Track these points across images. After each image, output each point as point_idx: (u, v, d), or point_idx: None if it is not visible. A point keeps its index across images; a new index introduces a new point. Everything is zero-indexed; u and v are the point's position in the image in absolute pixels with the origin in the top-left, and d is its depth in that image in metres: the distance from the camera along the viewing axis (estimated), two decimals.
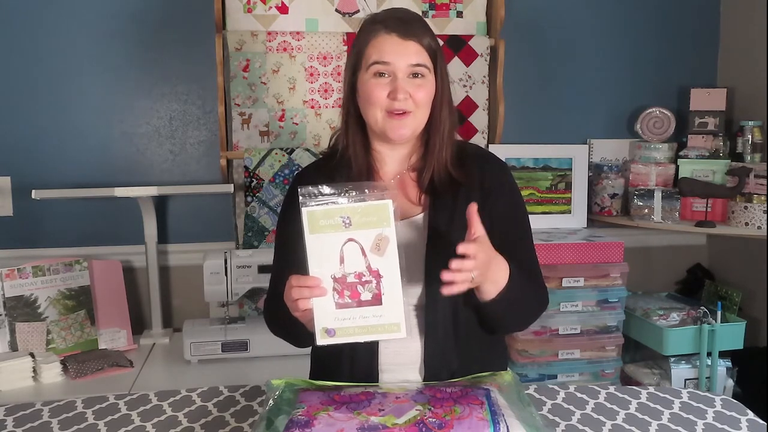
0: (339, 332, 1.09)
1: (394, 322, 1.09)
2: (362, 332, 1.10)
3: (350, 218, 1.09)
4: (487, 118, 2.42)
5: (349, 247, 1.09)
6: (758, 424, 1.21)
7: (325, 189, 1.10)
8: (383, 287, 1.09)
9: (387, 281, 1.09)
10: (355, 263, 1.09)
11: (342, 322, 1.09)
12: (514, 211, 1.33)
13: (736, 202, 2.30)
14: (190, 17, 2.28)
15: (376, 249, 1.09)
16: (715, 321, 2.25)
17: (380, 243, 1.09)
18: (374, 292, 1.09)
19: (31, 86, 2.23)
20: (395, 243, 1.09)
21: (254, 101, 2.26)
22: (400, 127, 1.25)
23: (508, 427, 0.99)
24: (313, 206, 1.09)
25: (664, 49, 2.60)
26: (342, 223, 1.08)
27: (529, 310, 1.31)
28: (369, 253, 1.09)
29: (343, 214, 1.08)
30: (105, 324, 2.14)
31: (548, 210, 2.50)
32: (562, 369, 2.27)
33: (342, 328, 1.09)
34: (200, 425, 1.21)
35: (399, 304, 1.09)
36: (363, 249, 1.09)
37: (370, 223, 1.09)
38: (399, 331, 1.10)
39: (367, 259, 1.09)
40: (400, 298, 1.09)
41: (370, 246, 1.09)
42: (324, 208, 1.09)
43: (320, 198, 1.09)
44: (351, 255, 1.09)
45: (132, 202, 2.19)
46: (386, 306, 1.09)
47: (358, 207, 1.09)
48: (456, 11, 2.37)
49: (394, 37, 1.23)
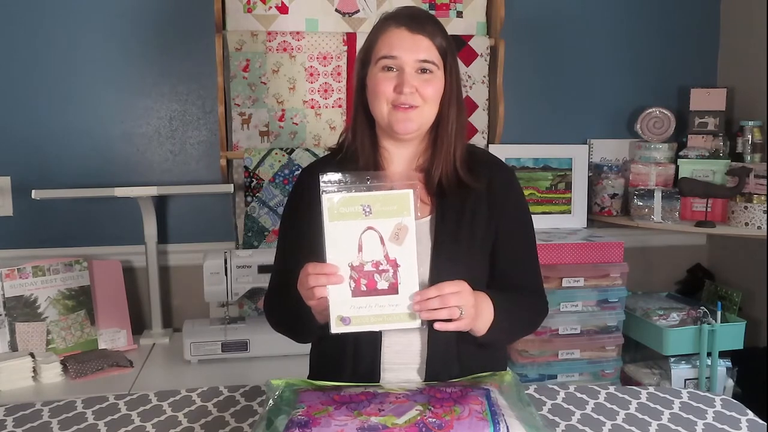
0: (354, 320, 1.09)
1: (409, 311, 1.09)
2: (377, 321, 1.09)
3: (371, 206, 1.08)
4: (487, 118, 2.42)
5: (368, 235, 1.09)
6: (758, 424, 1.21)
7: (346, 177, 1.09)
8: (400, 276, 1.09)
9: (404, 270, 1.09)
10: (374, 252, 1.08)
11: (357, 311, 1.09)
12: (520, 219, 1.33)
13: (736, 202, 2.29)
14: (190, 17, 2.28)
15: (395, 238, 1.08)
16: (715, 321, 2.25)
17: (399, 232, 1.08)
18: (391, 282, 1.09)
19: (31, 86, 2.23)
20: (414, 232, 1.09)
21: (254, 101, 2.25)
22: (406, 120, 1.24)
23: (508, 427, 0.99)
24: (334, 193, 1.08)
25: (664, 49, 2.59)
26: (362, 212, 1.08)
27: (526, 325, 1.34)
28: (388, 242, 1.08)
29: (363, 203, 1.08)
30: (105, 324, 2.14)
31: (548, 210, 2.50)
32: (562, 369, 2.27)
33: (357, 317, 1.09)
34: (200, 425, 1.21)
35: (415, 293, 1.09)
36: (382, 238, 1.08)
37: (390, 212, 1.08)
38: (414, 321, 1.09)
39: (386, 248, 1.08)
40: (416, 288, 1.09)
41: (389, 235, 1.08)
42: (345, 195, 1.08)
43: (341, 186, 1.09)
44: (369, 243, 1.08)
45: (132, 202, 2.19)
46: (402, 295, 1.09)
47: (379, 195, 1.08)
48: (456, 11, 2.37)
49: (404, 32, 1.23)
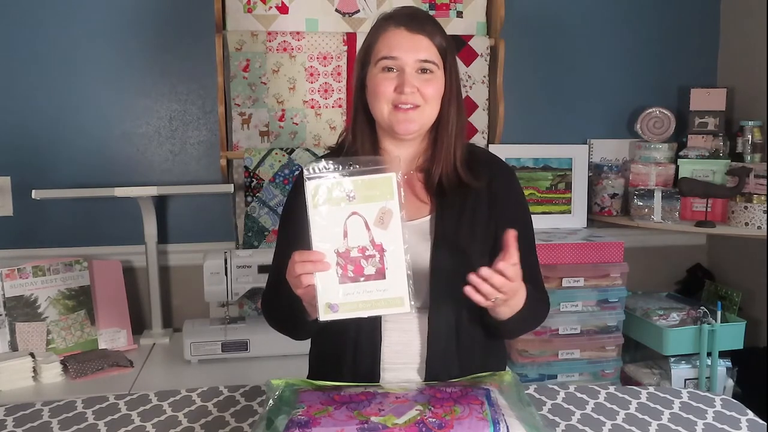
0: (342, 307, 1.07)
1: (398, 296, 1.07)
2: (366, 307, 1.08)
3: (354, 191, 1.07)
4: (487, 118, 2.42)
5: (353, 220, 1.07)
6: (758, 424, 1.21)
7: (329, 163, 1.08)
8: (387, 261, 1.07)
9: (391, 255, 1.07)
10: (359, 237, 1.07)
11: (345, 297, 1.07)
12: (521, 219, 1.33)
13: (736, 202, 2.29)
14: (190, 17, 2.28)
15: (380, 222, 1.07)
16: (715, 321, 2.24)
17: (384, 216, 1.07)
18: (378, 267, 1.07)
19: (31, 86, 2.23)
20: (399, 216, 1.07)
21: (254, 101, 2.25)
22: (407, 121, 1.24)
23: (508, 427, 0.98)
24: (317, 180, 1.07)
25: (664, 49, 2.59)
26: (346, 197, 1.07)
27: (536, 321, 1.34)
28: (373, 227, 1.07)
29: (347, 188, 1.07)
30: (105, 324, 2.14)
31: (548, 210, 2.50)
32: (562, 369, 2.27)
33: (345, 303, 1.07)
34: (200, 425, 1.21)
35: (403, 278, 1.07)
36: (367, 223, 1.07)
37: (374, 197, 1.07)
38: (403, 305, 1.08)
39: (371, 233, 1.07)
40: (404, 272, 1.07)
41: (373, 219, 1.07)
42: (328, 181, 1.07)
43: (324, 172, 1.07)
44: (355, 229, 1.07)
45: (132, 202, 2.19)
46: (390, 280, 1.07)
47: (362, 180, 1.07)
48: (456, 11, 2.37)
49: (403, 32, 1.23)
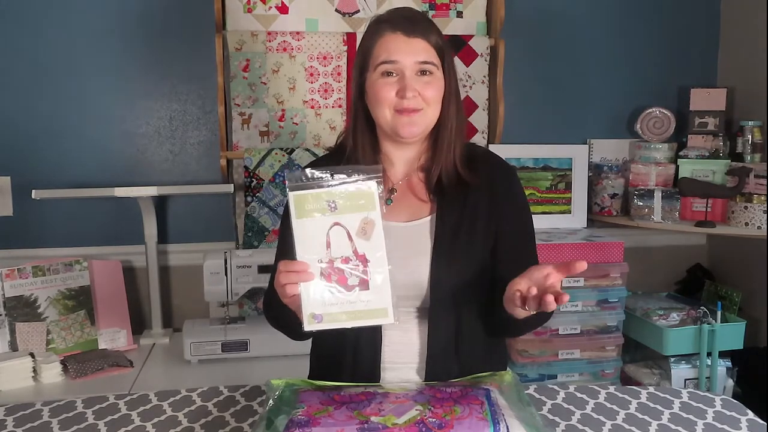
0: (326, 318, 1.07)
1: (381, 307, 1.07)
2: (349, 318, 1.07)
3: (336, 202, 1.07)
4: (487, 118, 2.42)
5: (336, 231, 1.07)
6: (758, 424, 1.21)
7: (313, 173, 1.07)
8: (370, 272, 1.07)
9: (374, 266, 1.07)
10: (342, 248, 1.07)
11: (329, 308, 1.07)
12: (521, 217, 1.33)
13: (736, 202, 2.30)
14: (190, 17, 2.28)
15: (362, 233, 1.07)
16: (715, 321, 2.24)
17: (366, 227, 1.07)
18: (361, 277, 1.07)
19: (31, 86, 2.23)
20: (381, 227, 1.07)
21: (254, 101, 2.25)
22: (410, 125, 1.24)
23: (508, 427, 0.98)
24: (299, 190, 1.07)
25: (664, 49, 2.59)
26: (328, 207, 1.06)
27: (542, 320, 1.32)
28: (355, 238, 1.07)
29: (329, 198, 1.06)
30: (105, 324, 2.14)
31: (548, 210, 2.50)
32: (562, 369, 2.27)
33: (329, 314, 1.07)
34: (200, 425, 1.21)
35: (386, 289, 1.07)
36: (349, 233, 1.07)
37: (355, 207, 1.07)
38: (386, 317, 1.07)
39: (354, 244, 1.07)
40: (388, 283, 1.07)
41: (356, 230, 1.06)
42: (310, 192, 1.07)
43: (307, 182, 1.07)
44: (337, 239, 1.07)
45: (132, 202, 2.19)
46: (373, 291, 1.07)
47: (343, 190, 1.07)
48: (456, 11, 2.37)
49: (400, 36, 1.23)
